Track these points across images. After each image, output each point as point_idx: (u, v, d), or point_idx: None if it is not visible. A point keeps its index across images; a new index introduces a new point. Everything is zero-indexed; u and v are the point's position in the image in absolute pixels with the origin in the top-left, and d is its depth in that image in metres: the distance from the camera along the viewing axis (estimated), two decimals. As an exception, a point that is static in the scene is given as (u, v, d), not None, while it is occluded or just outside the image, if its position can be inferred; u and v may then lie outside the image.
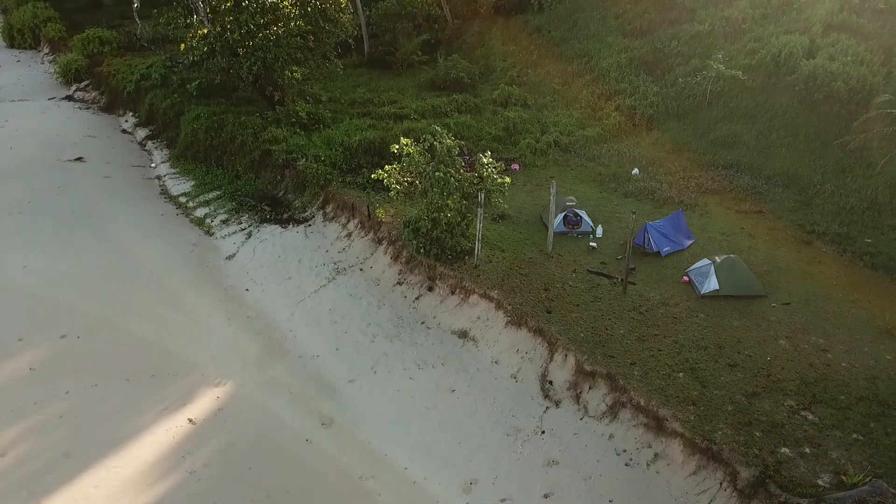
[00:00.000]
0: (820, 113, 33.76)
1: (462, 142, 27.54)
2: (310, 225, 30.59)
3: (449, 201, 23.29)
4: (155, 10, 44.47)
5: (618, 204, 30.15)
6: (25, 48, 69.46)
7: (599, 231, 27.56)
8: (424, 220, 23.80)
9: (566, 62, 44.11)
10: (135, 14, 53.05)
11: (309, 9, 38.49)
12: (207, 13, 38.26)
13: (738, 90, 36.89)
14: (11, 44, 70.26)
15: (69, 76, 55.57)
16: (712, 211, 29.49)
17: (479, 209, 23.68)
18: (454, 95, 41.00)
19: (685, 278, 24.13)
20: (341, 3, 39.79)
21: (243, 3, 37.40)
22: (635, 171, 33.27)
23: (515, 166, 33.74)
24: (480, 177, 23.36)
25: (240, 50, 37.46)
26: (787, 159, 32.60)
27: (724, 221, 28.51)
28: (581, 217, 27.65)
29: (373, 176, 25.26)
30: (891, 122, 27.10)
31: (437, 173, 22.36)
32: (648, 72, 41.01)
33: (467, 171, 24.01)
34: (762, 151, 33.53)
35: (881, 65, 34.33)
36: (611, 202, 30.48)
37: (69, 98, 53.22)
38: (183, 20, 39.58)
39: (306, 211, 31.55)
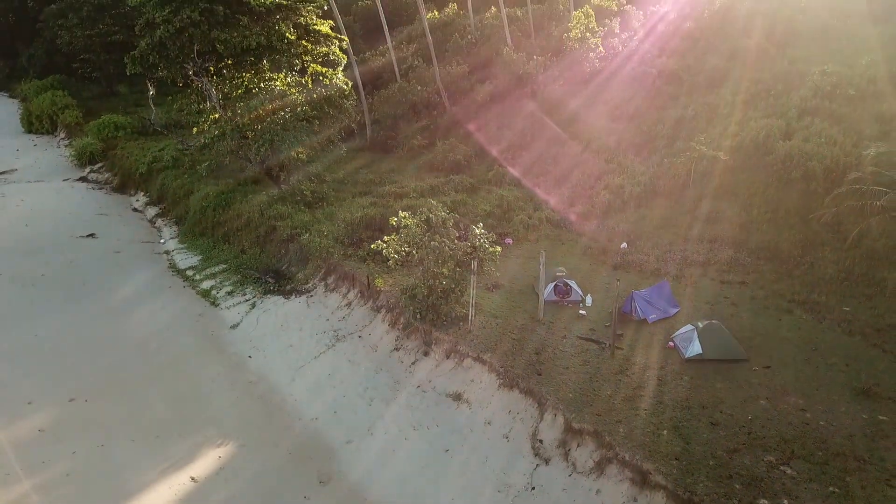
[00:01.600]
0: (797, 190, 35.51)
1: (456, 214, 29.11)
2: (311, 295, 31.84)
3: (444, 269, 24.62)
4: (170, 97, 47.21)
5: (607, 275, 31.45)
6: (42, 133, 72.95)
7: (589, 300, 28.76)
8: (421, 287, 25.06)
9: (558, 144, 46.42)
10: (150, 101, 55.96)
11: (315, 95, 41.12)
12: (219, 99, 40.79)
13: (720, 169, 38.81)
14: (29, 129, 73.77)
15: (84, 159, 58.34)
16: (697, 282, 30.74)
17: (472, 276, 24.99)
18: (451, 176, 43.11)
19: (671, 344, 25.15)
20: (345, 91, 42.46)
21: (253, 91, 40.03)
22: (624, 244, 34.75)
23: (509, 240, 35.28)
24: (473, 246, 24.78)
25: (249, 133, 39.76)
26: (768, 233, 34.10)
27: (708, 291, 29.73)
28: (571, 287, 28.92)
29: (372, 246, 26.70)
30: (859, 197, 28.74)
31: (432, 242, 23.80)
32: (636, 153, 43.20)
33: (461, 242, 25.44)
34: (745, 226, 35.07)
35: (853, 146, 36.32)
36: (600, 274, 31.79)
37: (83, 179, 55.72)
38: (196, 106, 42.16)
39: (308, 282, 32.87)
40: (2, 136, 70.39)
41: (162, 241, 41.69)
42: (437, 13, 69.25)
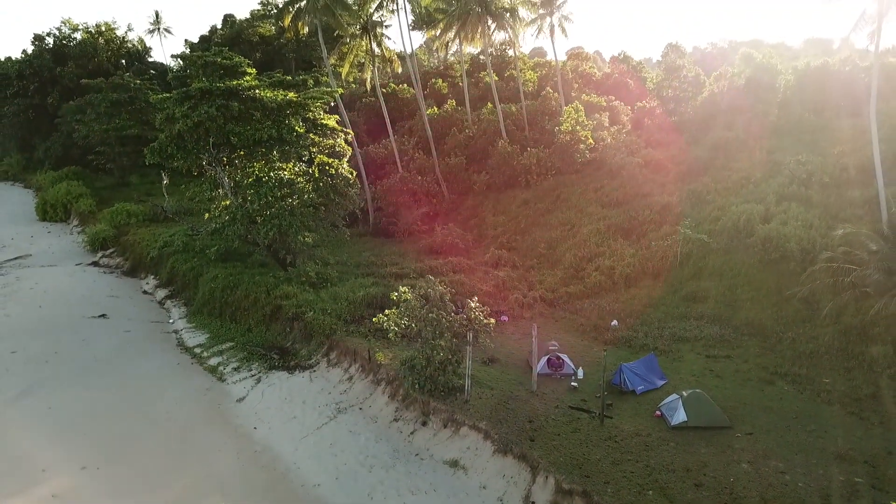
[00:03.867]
0: (777, 270, 37.46)
1: (453, 289, 30.85)
2: (315, 370, 33.16)
3: (441, 341, 26.16)
4: (182, 186, 49.89)
5: (598, 350, 32.88)
6: (56, 221, 75.67)
7: (580, 373, 30.11)
8: (419, 357, 26.51)
9: (551, 229, 48.87)
10: (164, 189, 58.99)
11: (321, 184, 43.73)
12: (231, 186, 43.36)
13: (705, 251, 40.94)
14: (44, 217, 76.54)
15: (97, 244, 60.58)
16: (684, 356, 32.18)
17: (468, 347, 26.49)
18: (449, 258, 45.15)
19: (658, 413, 26.35)
20: (350, 179, 45.16)
21: (263, 179, 42.64)
22: (614, 322, 36.36)
23: (505, 318, 36.89)
24: (469, 318, 26.40)
25: (258, 218, 42.05)
26: (751, 311, 35.78)
27: (694, 365, 31.12)
28: (563, 360, 30.35)
29: (374, 320, 28.33)
30: (831, 274, 30.57)
31: (430, 315, 25.45)
32: (625, 236, 45.46)
33: (457, 315, 27.09)
34: (729, 304, 36.82)
35: (828, 228, 38.57)
36: (592, 349, 33.24)
37: (95, 264, 57.75)
38: (209, 193, 44.70)
39: (312, 358, 34.24)
40: (17, 223, 73.02)
41: (171, 320, 43.24)
42: (436, 109, 73.41)
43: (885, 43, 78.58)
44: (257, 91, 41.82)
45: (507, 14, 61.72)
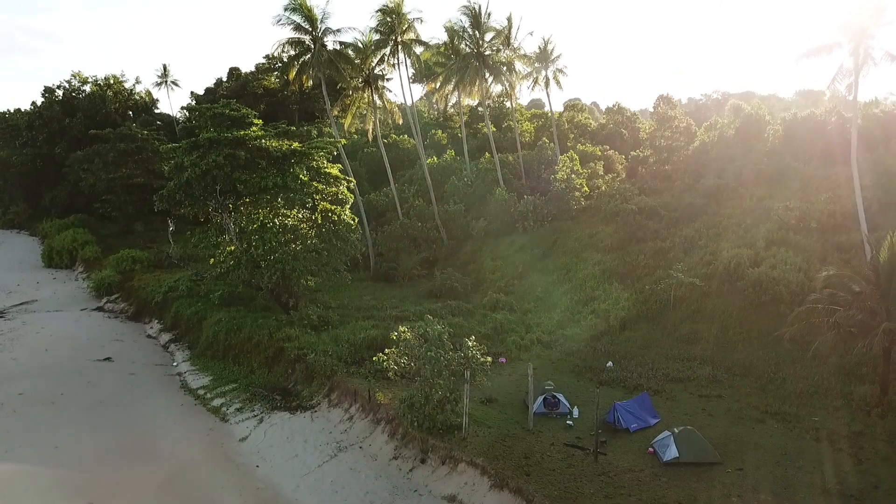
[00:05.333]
0: (768, 312, 38.44)
1: (451, 329, 31.78)
2: (316, 411, 33.87)
3: (440, 380, 27.03)
4: (188, 232, 51.22)
5: (594, 392, 33.59)
6: (62, 267, 76.87)
7: (576, 412, 30.85)
8: (418, 395, 27.34)
9: (548, 274, 50.03)
10: (169, 236, 60.37)
11: (324, 230, 45.08)
12: (236, 232, 44.68)
13: (697, 295, 41.96)
14: (49, 264, 77.84)
15: (102, 290, 61.60)
16: (677, 396, 32.92)
17: (465, 385, 27.34)
18: (449, 302, 46.16)
19: (650, 450, 27.04)
20: (351, 225, 46.52)
21: (268, 224, 43.99)
22: (609, 363, 37.18)
23: (503, 359, 37.72)
24: (466, 357, 27.33)
25: (262, 263, 43.24)
26: (743, 352, 36.68)
27: (687, 404, 31.86)
28: (559, 399, 31.11)
29: (374, 359, 29.23)
30: (817, 315, 31.53)
31: (428, 353, 26.40)
32: (620, 280, 46.54)
33: (455, 353, 28.01)
34: (721, 346, 37.72)
35: (815, 272, 39.62)
36: (587, 389, 33.95)
37: (100, 309, 58.74)
38: (214, 238, 46.01)
39: (313, 399, 34.99)
40: (23, 269, 74.20)
41: (175, 363, 44.02)
42: (435, 158, 75.42)
43: (870, 94, 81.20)
44: (263, 141, 43.51)
45: (504, 68, 64.10)
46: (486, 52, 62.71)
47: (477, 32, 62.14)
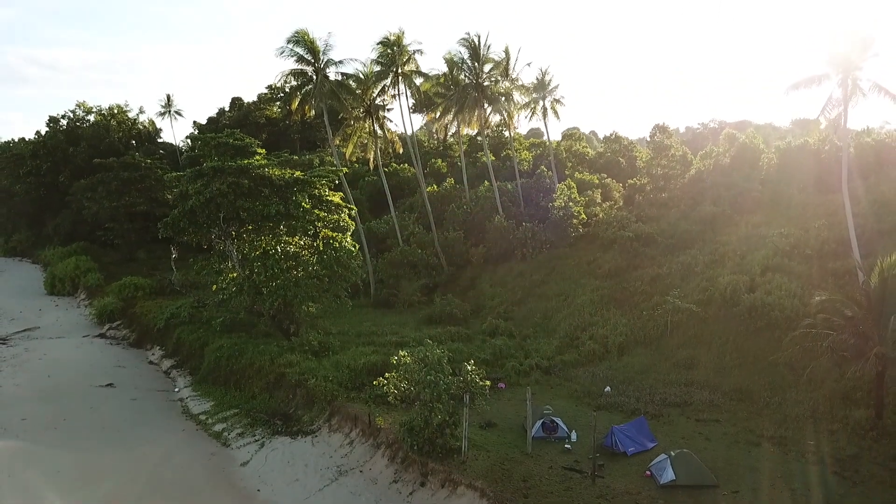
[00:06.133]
0: (764, 338, 38.90)
1: (450, 354, 32.25)
2: (317, 435, 34.18)
3: (439, 403, 27.44)
4: (191, 259, 51.85)
5: (591, 415, 33.94)
6: (64, 295, 77.26)
7: (574, 436, 31.18)
8: (418, 419, 27.73)
9: (546, 300, 50.56)
10: (172, 263, 60.99)
11: (325, 256, 45.70)
12: (239, 259, 45.31)
13: (694, 320, 42.43)
14: (52, 291, 78.34)
15: (104, 317, 62.01)
16: (674, 420, 33.27)
17: (465, 409, 27.74)
18: (448, 327, 46.62)
19: (648, 472, 27.35)
20: (353, 252, 47.14)
21: (270, 251, 44.64)
22: (607, 388, 37.55)
23: (502, 385, 38.09)
24: (465, 381, 27.77)
25: (264, 289, 43.77)
26: (739, 377, 37.05)
27: (684, 428, 32.21)
28: (557, 424, 31.45)
29: (374, 383, 29.67)
30: (811, 339, 32.02)
31: (428, 377, 26.86)
32: (617, 306, 47.08)
33: (454, 377, 28.46)
34: (718, 371, 38.12)
35: (810, 297, 40.14)
36: (585, 414, 34.27)
37: (102, 336, 59.14)
38: (217, 265, 46.63)
39: (314, 423, 35.30)
40: (26, 297, 74.65)
41: (176, 389, 44.35)
42: (435, 186, 76.37)
43: (863, 123, 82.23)
44: (267, 169, 44.36)
45: (503, 98, 65.30)
46: (485, 83, 63.94)
47: (476, 64, 63.43)
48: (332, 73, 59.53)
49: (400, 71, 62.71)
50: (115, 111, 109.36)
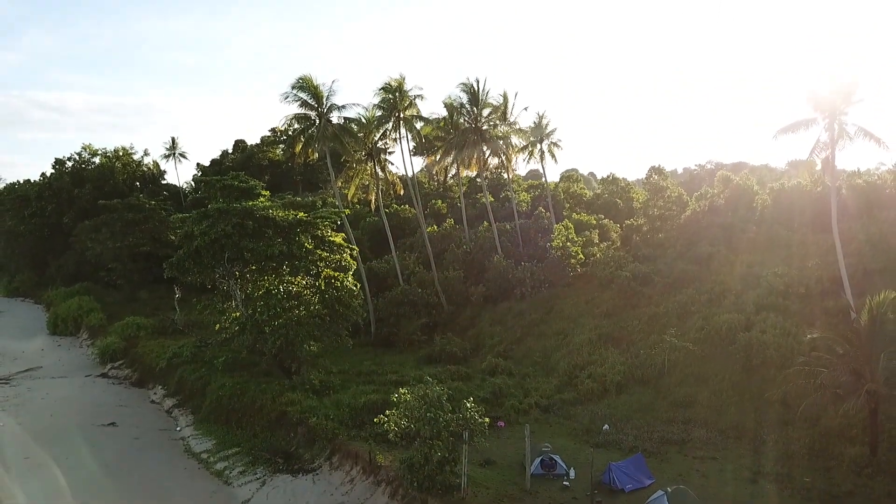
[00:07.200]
0: (759, 375, 39.40)
1: (450, 392, 32.74)
2: (318, 473, 34.51)
3: (439, 441, 27.92)
4: (194, 299, 52.54)
5: (588, 451, 34.31)
6: (66, 335, 77.61)
7: (572, 473, 31.52)
8: (418, 457, 28.16)
9: (545, 339, 51.14)
10: (175, 303, 61.68)
11: (327, 296, 46.43)
12: (242, 298, 46.02)
13: (690, 359, 42.96)
14: (54, 331, 78.74)
15: (107, 356, 62.36)
16: (672, 457, 33.64)
17: (464, 446, 28.20)
18: (448, 366, 47.11)
19: (645, 509, 27.71)
20: (354, 292, 47.88)
21: (273, 291, 45.38)
22: (606, 426, 37.94)
23: (501, 423, 38.48)
24: (464, 418, 28.28)
25: (266, 328, 44.35)
26: (735, 415, 37.47)
27: (681, 465, 32.57)
28: (556, 461, 31.84)
29: (375, 420, 30.15)
30: (804, 377, 32.59)
31: (428, 414, 27.40)
32: (615, 345, 47.64)
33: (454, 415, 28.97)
34: (715, 409, 38.53)
35: (804, 335, 40.81)
36: (584, 451, 34.62)
37: (104, 375, 59.47)
38: (220, 305, 47.33)
39: (315, 461, 35.63)
40: (28, 337, 75.07)
41: (178, 428, 44.63)
42: (435, 227, 77.49)
43: (855, 164, 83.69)
44: (270, 211, 45.40)
45: (501, 142, 66.84)
46: (484, 127, 65.54)
47: (475, 108, 65.13)
48: (335, 118, 61.10)
49: (401, 116, 64.33)
50: (121, 153, 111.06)
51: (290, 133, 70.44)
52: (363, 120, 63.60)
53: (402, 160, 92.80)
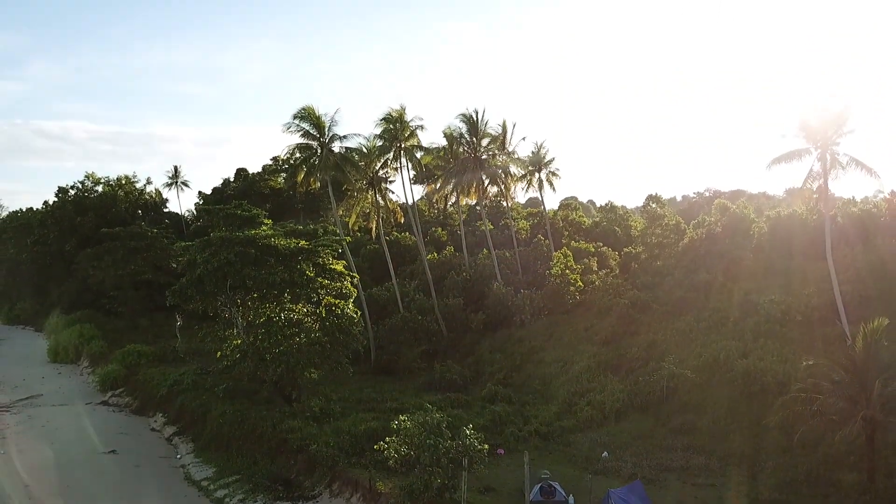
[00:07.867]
0: (757, 402, 39.59)
1: (450, 419, 33.02)
2: (318, 501, 34.65)
3: (438, 468, 28.16)
4: (196, 327, 52.88)
5: (587, 478, 34.47)
6: (67, 362, 77.74)
7: (572, 500, 31.63)
8: (418, 484, 28.37)
9: (545, 366, 51.43)
10: (177, 330, 61.99)
11: (328, 323, 46.83)
12: (244, 326, 46.42)
13: (689, 386, 43.19)
14: (55, 359, 78.86)
15: (107, 384, 62.47)
16: (671, 485, 33.78)
17: (464, 473, 28.42)
18: (448, 394, 47.31)
19: (644, 536, 27.84)
20: (354, 319, 48.28)
21: (274, 318, 45.80)
22: (605, 454, 38.07)
23: (501, 451, 38.61)
24: (464, 445, 28.54)
25: (267, 356, 44.67)
26: (735, 442, 37.65)
27: (680, 492, 32.72)
28: (555, 488, 31.98)
29: (375, 447, 30.39)
30: (800, 403, 32.86)
31: (427, 441, 27.68)
32: (614, 372, 47.91)
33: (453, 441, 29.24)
34: (713, 436, 38.72)
35: (801, 362, 41.08)
36: (583, 478, 34.79)
37: (104, 403, 59.52)
38: (221, 332, 47.70)
39: (315, 489, 35.75)
40: (29, 365, 75.16)
41: (178, 456, 44.69)
42: (436, 254, 78.09)
43: (850, 191, 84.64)
44: (273, 239, 46.01)
45: (500, 171, 67.74)
46: (483, 157, 66.53)
47: (474, 138, 66.19)
48: (337, 147, 61.99)
49: (402, 146, 65.28)
50: (123, 182, 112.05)
51: (291, 162, 71.30)
52: (364, 149, 64.57)
53: (403, 188, 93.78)
